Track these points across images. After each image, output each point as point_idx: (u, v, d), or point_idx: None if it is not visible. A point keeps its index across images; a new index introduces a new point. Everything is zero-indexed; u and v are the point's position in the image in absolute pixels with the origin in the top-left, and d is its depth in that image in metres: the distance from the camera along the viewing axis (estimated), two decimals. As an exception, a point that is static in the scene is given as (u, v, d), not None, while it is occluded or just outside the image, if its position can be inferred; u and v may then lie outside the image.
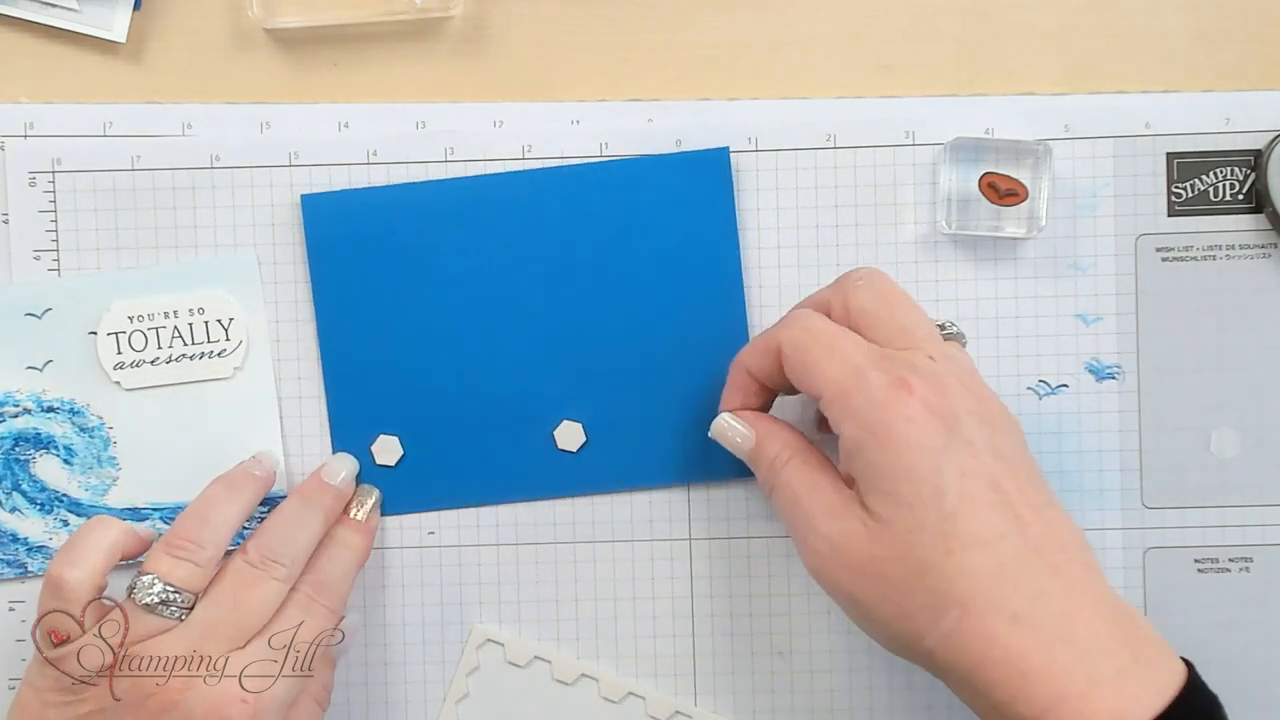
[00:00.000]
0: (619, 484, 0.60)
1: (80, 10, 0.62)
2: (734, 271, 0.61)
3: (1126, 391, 0.62)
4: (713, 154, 0.61)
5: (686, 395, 0.60)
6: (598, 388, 0.61)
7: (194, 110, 0.62)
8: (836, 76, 0.63)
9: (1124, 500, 0.62)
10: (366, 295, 0.61)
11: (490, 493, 0.61)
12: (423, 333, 0.61)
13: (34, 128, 0.62)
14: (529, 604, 0.63)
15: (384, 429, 0.61)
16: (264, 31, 0.62)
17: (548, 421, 0.61)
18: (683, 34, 0.63)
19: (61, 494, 0.62)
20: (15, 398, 0.62)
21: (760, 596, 0.63)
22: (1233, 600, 0.62)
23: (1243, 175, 0.62)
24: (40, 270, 0.62)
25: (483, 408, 0.61)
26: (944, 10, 0.63)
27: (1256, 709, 0.62)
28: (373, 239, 0.61)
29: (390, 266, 0.61)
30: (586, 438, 0.60)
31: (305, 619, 0.56)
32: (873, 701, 0.63)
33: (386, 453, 0.61)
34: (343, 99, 0.63)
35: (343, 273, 0.61)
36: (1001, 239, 0.62)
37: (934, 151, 0.62)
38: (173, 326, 0.62)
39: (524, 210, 0.61)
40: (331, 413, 0.61)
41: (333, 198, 0.61)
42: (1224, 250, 0.62)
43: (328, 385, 0.61)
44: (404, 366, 0.61)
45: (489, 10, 0.63)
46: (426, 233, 0.61)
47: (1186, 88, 0.62)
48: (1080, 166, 0.62)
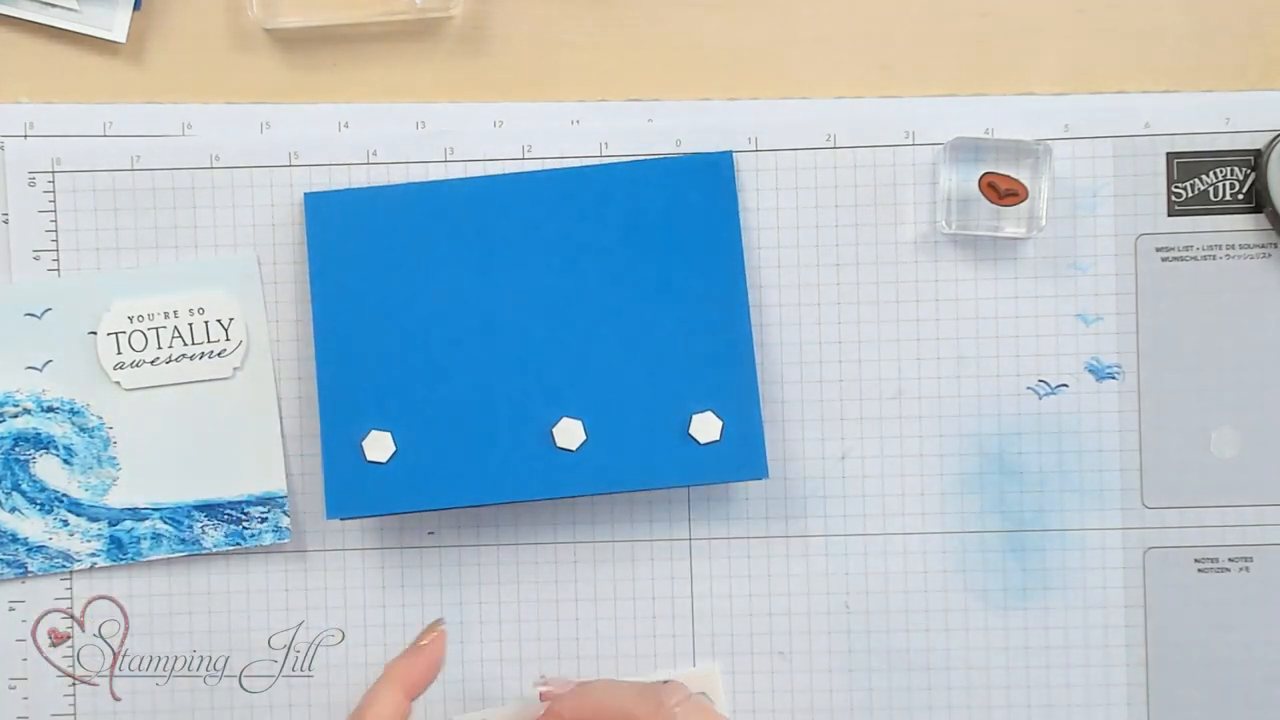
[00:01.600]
0: (619, 484, 0.60)
1: (80, 10, 0.62)
2: (737, 273, 0.61)
3: (1126, 391, 0.62)
4: (716, 157, 0.61)
5: (687, 395, 0.60)
6: (599, 386, 0.61)
7: (194, 110, 0.62)
8: (836, 76, 0.63)
9: (1124, 500, 0.62)
10: (365, 293, 0.61)
11: (487, 491, 0.61)
12: (420, 330, 0.61)
13: (34, 128, 0.62)
14: (529, 604, 0.63)
15: (376, 425, 0.61)
16: (264, 31, 0.62)
17: (547, 419, 0.61)
18: (683, 34, 0.63)
19: (61, 494, 0.62)
20: (15, 398, 0.62)
21: (760, 596, 0.63)
22: (1233, 600, 0.62)
23: (1243, 175, 0.62)
24: (40, 270, 0.62)
25: (480, 405, 0.61)
26: (944, 10, 0.63)
27: (1257, 709, 0.62)
28: (374, 238, 0.61)
29: (390, 265, 0.61)
30: (587, 436, 0.60)
31: None
32: (872, 701, 0.63)
33: (377, 448, 0.60)
34: (343, 99, 0.63)
35: (342, 270, 0.61)
36: (1001, 239, 0.62)
37: (934, 151, 0.62)
38: (173, 326, 0.62)
39: (528, 211, 0.61)
40: (323, 407, 0.61)
41: (335, 196, 0.61)
42: (1224, 250, 0.62)
43: (320, 379, 0.61)
44: (399, 363, 0.61)
45: (489, 10, 0.63)
46: (429, 233, 0.61)
47: (1186, 88, 0.62)
48: (1080, 166, 0.62)
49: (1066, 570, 0.62)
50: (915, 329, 0.62)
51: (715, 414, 0.60)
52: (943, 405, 0.62)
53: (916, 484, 0.62)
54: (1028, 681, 0.62)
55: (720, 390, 0.60)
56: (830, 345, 0.62)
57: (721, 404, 0.60)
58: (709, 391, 0.60)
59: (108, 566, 0.62)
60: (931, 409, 0.62)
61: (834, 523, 0.63)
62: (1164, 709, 0.62)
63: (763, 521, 0.63)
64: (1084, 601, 0.62)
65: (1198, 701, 0.62)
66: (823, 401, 0.62)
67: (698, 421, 0.60)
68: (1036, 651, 0.62)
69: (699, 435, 0.60)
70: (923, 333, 0.62)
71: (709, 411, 0.60)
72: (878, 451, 0.62)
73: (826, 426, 0.62)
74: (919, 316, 0.62)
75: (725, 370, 0.60)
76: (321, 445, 0.61)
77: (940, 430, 0.62)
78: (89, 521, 0.62)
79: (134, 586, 0.63)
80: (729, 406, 0.60)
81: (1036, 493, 0.62)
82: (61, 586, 0.62)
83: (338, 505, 0.60)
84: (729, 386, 0.60)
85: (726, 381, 0.60)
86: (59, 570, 0.62)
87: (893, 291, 0.62)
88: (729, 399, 0.60)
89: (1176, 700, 0.62)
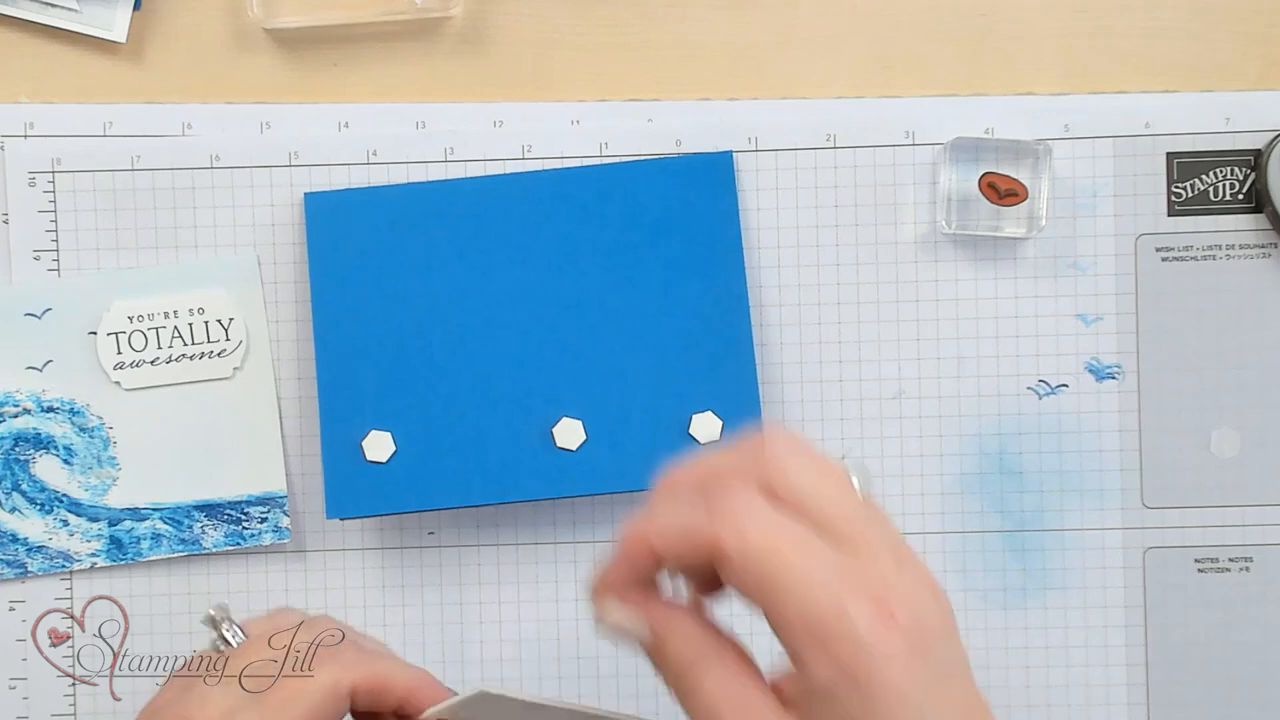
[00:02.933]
0: (619, 484, 0.60)
1: (80, 10, 0.62)
2: (737, 273, 0.61)
3: (1126, 391, 0.62)
4: (716, 157, 0.61)
5: (687, 395, 0.60)
6: (599, 386, 0.60)
7: (194, 110, 0.62)
8: (836, 76, 0.63)
9: (1124, 500, 0.62)
10: (365, 292, 0.61)
11: (487, 491, 0.61)
12: (420, 330, 0.61)
13: (34, 128, 0.62)
14: (529, 604, 0.63)
15: (376, 425, 0.61)
16: (264, 31, 0.62)
17: (547, 419, 0.61)
18: (683, 34, 0.63)
19: (61, 494, 0.62)
20: (15, 398, 0.62)
21: (760, 596, 0.63)
22: (1233, 600, 0.62)
23: (1243, 175, 0.62)
24: (40, 270, 0.62)
25: (480, 405, 0.61)
26: (944, 10, 0.63)
27: (1257, 709, 0.62)
28: (374, 238, 0.61)
29: (391, 265, 0.61)
30: (587, 436, 0.60)
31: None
32: (873, 701, 0.63)
33: (377, 448, 0.60)
34: (343, 99, 0.63)
35: (342, 270, 0.61)
36: (1001, 239, 0.62)
37: (934, 151, 0.62)
38: (172, 326, 0.62)
39: (528, 211, 0.61)
40: (323, 407, 0.61)
41: (335, 196, 0.61)
42: (1224, 250, 0.62)
43: (320, 379, 0.61)
44: (400, 363, 0.61)
45: (489, 10, 0.63)
46: (429, 233, 0.61)
47: (1186, 88, 0.62)
48: (1080, 166, 0.62)
49: (1066, 570, 0.62)
50: (915, 329, 0.62)
51: (715, 414, 0.60)
52: (943, 405, 0.62)
53: (916, 484, 0.62)
54: (1028, 681, 0.62)
55: (720, 390, 0.60)
56: (830, 345, 0.62)
57: (721, 404, 0.60)
58: (709, 391, 0.60)
59: (108, 566, 0.62)
60: (931, 409, 0.62)
61: (834, 523, 0.63)
62: (1164, 709, 0.62)
63: (763, 521, 0.63)
64: (1084, 601, 0.62)
65: (1198, 701, 0.62)
66: (823, 401, 0.62)
67: (698, 421, 0.60)
68: (1036, 651, 0.62)
69: (699, 435, 0.60)
70: (923, 333, 0.62)
71: (709, 411, 0.60)
72: (878, 451, 0.62)
73: (826, 426, 0.62)
74: (919, 316, 0.62)
75: (725, 370, 0.60)
76: (321, 445, 0.61)
77: (940, 430, 0.62)
78: (89, 521, 0.62)
79: (134, 586, 0.63)
80: (729, 406, 0.60)
81: (1037, 493, 0.62)
82: (61, 586, 0.62)
83: (338, 505, 0.60)
84: (729, 386, 0.60)
85: (726, 381, 0.60)
86: (59, 570, 0.62)
87: (893, 291, 0.62)
88: (729, 399, 0.60)
89: (1176, 700, 0.62)
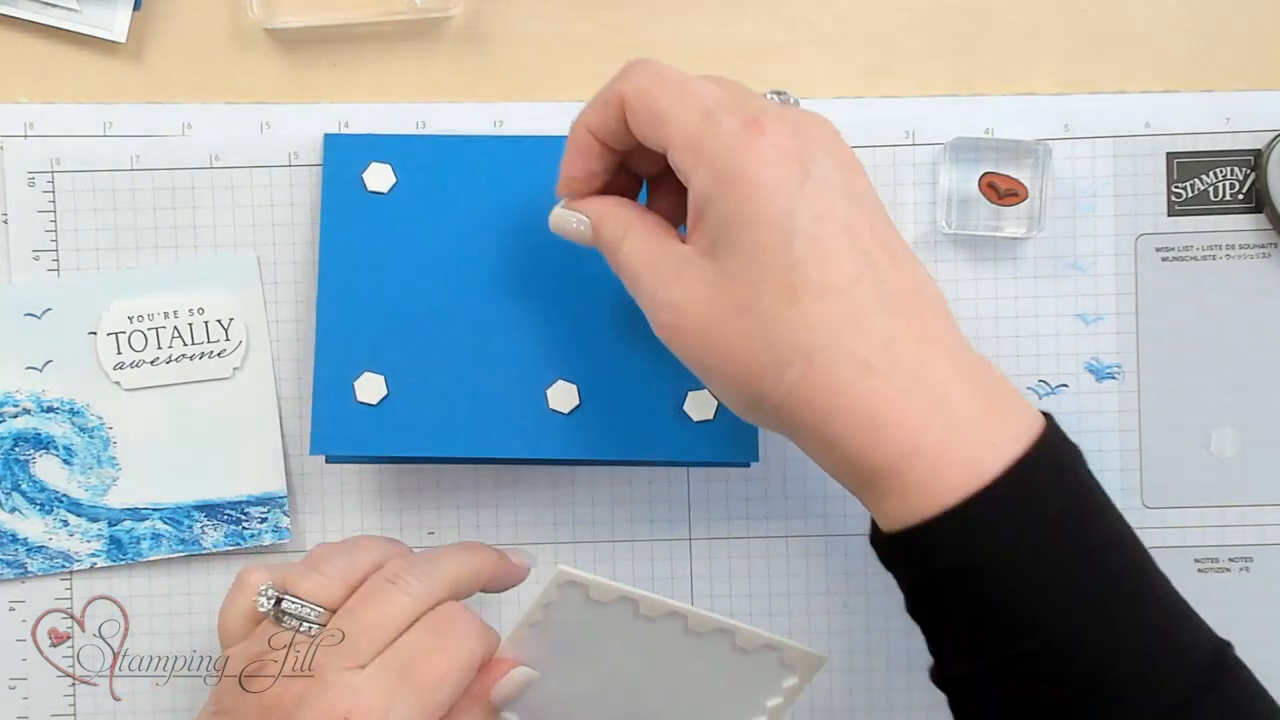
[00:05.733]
0: (608, 453, 0.59)
1: (80, 10, 0.62)
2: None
3: (1126, 391, 0.62)
4: None
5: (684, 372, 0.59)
6: (596, 354, 0.60)
7: (194, 110, 0.62)
8: (836, 76, 0.63)
9: (1124, 500, 0.62)
10: (373, 237, 0.60)
11: (475, 444, 0.59)
12: (424, 280, 0.60)
13: (34, 128, 0.62)
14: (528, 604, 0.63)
15: (370, 367, 0.60)
16: (264, 31, 0.62)
17: (542, 380, 0.60)
18: (683, 34, 0.63)
19: (61, 494, 0.62)
20: (15, 398, 0.62)
21: (760, 596, 0.63)
22: (1233, 600, 0.62)
23: (1243, 175, 0.62)
24: (40, 270, 0.62)
25: (476, 359, 0.60)
26: (944, 10, 0.63)
27: (1256, 709, 0.62)
28: (387, 184, 0.60)
29: (401, 213, 0.60)
30: (580, 401, 0.60)
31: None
32: (872, 702, 0.63)
33: (369, 390, 0.60)
34: (343, 99, 0.63)
35: (352, 212, 0.60)
36: (1001, 239, 0.62)
37: (934, 151, 0.62)
38: (172, 326, 0.62)
39: (542, 175, 0.60)
40: (319, 344, 0.60)
41: (354, 140, 0.61)
42: (1224, 250, 0.62)
43: (319, 316, 0.60)
44: (400, 310, 0.60)
45: (489, 10, 0.63)
46: (442, 186, 0.60)
47: (1186, 88, 0.62)
48: (1080, 166, 0.62)
49: (1066, 570, 0.62)
50: (915, 329, 0.62)
51: (710, 393, 0.59)
52: (943, 405, 0.62)
53: (916, 484, 0.62)
54: (1028, 681, 0.62)
55: None
56: (830, 345, 0.62)
57: None
58: None
59: (108, 566, 0.62)
60: (931, 409, 0.62)
61: (834, 523, 0.63)
62: (1164, 709, 0.62)
63: (763, 521, 0.63)
64: (1084, 601, 0.62)
65: (1198, 701, 0.62)
66: (823, 401, 0.62)
67: (692, 399, 0.59)
68: (1036, 651, 0.62)
69: (692, 413, 0.59)
70: (923, 333, 0.62)
71: (704, 390, 0.59)
72: (878, 451, 0.62)
73: (826, 426, 0.62)
74: (919, 316, 0.62)
75: None
76: (314, 381, 0.59)
77: (940, 430, 0.62)
78: (89, 522, 0.62)
79: (134, 586, 0.63)
80: None
81: (1036, 493, 0.62)
82: (61, 586, 0.62)
83: (323, 442, 0.59)
84: None
85: None
86: (59, 570, 0.62)
87: (893, 291, 0.62)
88: None
89: (1176, 700, 0.62)
